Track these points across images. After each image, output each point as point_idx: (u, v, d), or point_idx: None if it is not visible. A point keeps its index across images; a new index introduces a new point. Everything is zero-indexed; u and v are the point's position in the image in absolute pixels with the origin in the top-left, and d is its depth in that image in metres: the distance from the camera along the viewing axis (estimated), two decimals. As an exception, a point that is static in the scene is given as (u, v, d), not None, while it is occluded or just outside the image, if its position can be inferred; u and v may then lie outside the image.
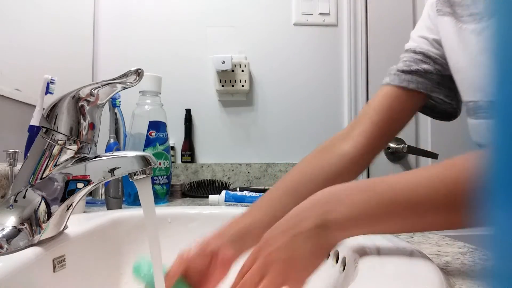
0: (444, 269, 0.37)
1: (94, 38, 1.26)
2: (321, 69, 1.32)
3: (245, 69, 1.26)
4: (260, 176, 1.27)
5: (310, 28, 1.32)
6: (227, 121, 1.30)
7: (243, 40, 1.30)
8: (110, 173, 0.43)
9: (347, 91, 1.32)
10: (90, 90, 0.43)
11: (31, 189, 0.42)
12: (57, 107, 0.42)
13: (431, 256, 0.42)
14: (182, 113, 1.27)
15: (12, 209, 0.42)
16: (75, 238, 0.49)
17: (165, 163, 0.92)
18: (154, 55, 1.27)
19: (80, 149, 0.44)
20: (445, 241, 0.51)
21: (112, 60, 1.27)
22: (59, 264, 0.45)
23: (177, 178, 1.23)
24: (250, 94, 1.30)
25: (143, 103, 0.92)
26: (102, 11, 1.27)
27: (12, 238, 0.40)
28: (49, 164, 0.43)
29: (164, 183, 0.92)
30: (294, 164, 1.32)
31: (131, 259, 0.61)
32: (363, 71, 1.32)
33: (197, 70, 1.29)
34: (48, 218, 0.43)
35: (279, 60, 1.31)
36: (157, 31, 1.28)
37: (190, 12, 1.29)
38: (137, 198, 0.45)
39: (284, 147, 1.30)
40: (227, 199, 0.84)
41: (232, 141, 1.30)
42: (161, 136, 0.92)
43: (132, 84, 0.43)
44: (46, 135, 0.43)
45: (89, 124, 0.44)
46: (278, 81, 1.31)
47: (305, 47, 1.32)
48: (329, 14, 1.32)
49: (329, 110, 1.32)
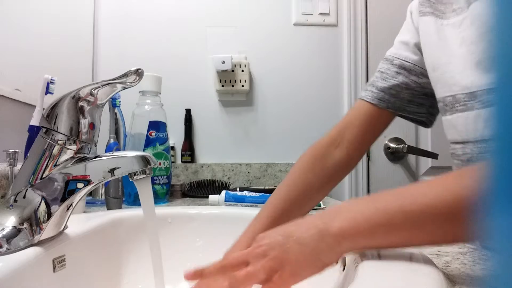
0: (444, 269, 0.37)
1: (94, 38, 1.26)
2: (321, 69, 1.32)
3: (245, 69, 1.26)
4: (260, 176, 1.27)
5: (310, 28, 1.32)
6: (227, 121, 1.30)
7: (243, 40, 1.30)
8: (110, 173, 0.44)
9: (347, 91, 1.32)
10: (90, 90, 0.43)
11: (31, 189, 0.42)
12: (57, 107, 0.42)
13: (431, 256, 0.42)
14: (182, 113, 1.27)
15: (12, 209, 0.42)
16: (75, 238, 0.49)
17: (165, 163, 0.92)
18: (154, 55, 1.27)
19: (80, 149, 0.44)
20: (445, 241, 0.51)
21: (112, 60, 1.27)
22: (59, 264, 0.45)
23: (177, 178, 1.23)
24: (250, 94, 1.30)
25: (143, 103, 0.92)
26: (102, 11, 1.27)
27: (12, 238, 0.40)
28: (49, 164, 0.43)
29: (164, 183, 0.92)
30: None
31: (131, 259, 0.61)
32: (363, 71, 1.32)
33: (197, 70, 1.29)
34: (48, 218, 0.43)
35: (279, 60, 1.31)
36: (157, 31, 1.28)
37: (190, 12, 1.29)
38: (137, 198, 0.45)
39: (284, 147, 1.30)
40: (227, 199, 0.84)
41: (232, 141, 1.30)
42: (161, 136, 0.92)
43: (132, 84, 0.43)
44: (46, 135, 0.43)
45: (89, 124, 0.44)
46: (278, 81, 1.31)
47: (305, 47, 1.32)
48: (329, 14, 1.32)
49: (329, 110, 1.32)
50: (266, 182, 1.26)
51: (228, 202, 0.84)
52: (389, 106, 0.57)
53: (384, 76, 0.58)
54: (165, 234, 0.64)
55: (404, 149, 1.27)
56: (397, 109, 0.57)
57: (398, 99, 0.57)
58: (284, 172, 1.26)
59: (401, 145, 1.29)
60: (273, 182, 1.26)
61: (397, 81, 0.56)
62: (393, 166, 1.33)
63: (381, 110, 0.57)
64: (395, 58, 0.58)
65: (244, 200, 0.83)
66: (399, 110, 0.57)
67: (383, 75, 0.58)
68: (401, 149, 1.28)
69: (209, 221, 0.70)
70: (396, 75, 0.57)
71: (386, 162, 1.32)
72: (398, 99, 0.57)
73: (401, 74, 0.57)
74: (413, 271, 0.32)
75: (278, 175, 1.26)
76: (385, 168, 1.32)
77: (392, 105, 0.57)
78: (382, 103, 0.57)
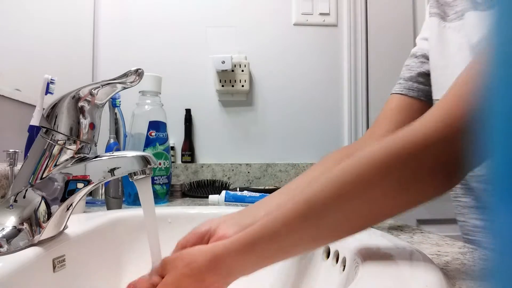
0: (444, 269, 0.37)
1: (94, 38, 1.26)
2: (321, 69, 1.32)
3: (245, 69, 1.26)
4: (260, 176, 1.27)
5: (310, 28, 1.32)
6: (227, 121, 1.30)
7: (243, 40, 1.30)
8: (110, 173, 0.43)
9: (347, 91, 1.32)
10: (90, 90, 0.43)
11: (31, 189, 0.42)
12: (57, 107, 0.42)
13: (431, 256, 0.42)
14: (182, 113, 1.27)
15: (12, 209, 0.41)
16: (75, 238, 0.49)
17: (165, 163, 0.92)
18: (154, 55, 1.27)
19: (80, 149, 0.44)
20: (445, 241, 0.51)
21: (112, 59, 1.26)
22: (59, 264, 0.45)
23: (177, 178, 1.23)
24: (250, 94, 1.30)
25: (143, 103, 0.92)
26: (102, 10, 1.27)
27: (12, 238, 0.40)
28: (49, 164, 0.43)
29: (164, 183, 0.92)
30: (294, 164, 1.32)
31: (131, 259, 0.61)
32: (363, 71, 1.31)
33: (197, 70, 1.29)
34: (48, 218, 0.43)
35: (279, 60, 1.31)
36: (157, 31, 1.28)
37: (190, 13, 1.29)
38: (137, 198, 0.45)
39: (284, 147, 1.30)
40: (227, 199, 0.84)
41: (232, 141, 1.30)
42: (161, 136, 0.92)
43: (132, 84, 0.43)
44: (46, 135, 0.43)
45: (89, 124, 0.44)
46: (278, 81, 1.31)
47: (305, 47, 1.32)
48: (329, 14, 1.32)
49: (329, 110, 1.32)
50: (266, 182, 1.26)
51: (228, 202, 0.84)
52: (420, 94, 0.56)
53: (409, 67, 0.58)
54: (165, 234, 0.64)
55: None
56: (428, 96, 0.56)
57: (427, 86, 0.56)
58: (284, 172, 1.26)
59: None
60: (273, 182, 1.26)
61: (423, 69, 0.57)
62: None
63: (412, 99, 0.56)
64: (418, 51, 0.59)
65: (244, 200, 0.83)
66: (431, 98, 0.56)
67: (408, 67, 0.59)
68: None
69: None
70: (421, 64, 0.57)
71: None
72: (428, 87, 0.56)
73: (426, 63, 0.57)
74: (413, 271, 0.32)
75: (278, 175, 1.26)
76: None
77: (422, 93, 0.56)
78: (412, 92, 0.56)
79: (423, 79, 0.56)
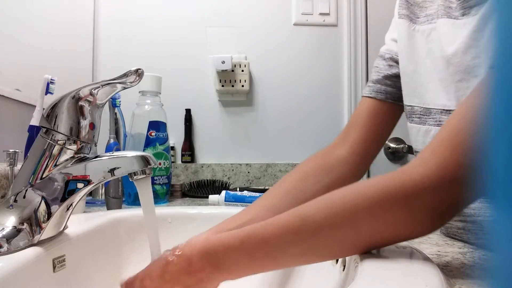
0: (444, 269, 0.37)
1: (94, 38, 1.26)
2: (321, 69, 1.32)
3: (245, 69, 1.26)
4: (260, 176, 1.27)
5: (310, 28, 1.32)
6: (227, 121, 1.30)
7: (243, 40, 1.30)
8: (110, 173, 0.44)
9: (347, 91, 1.31)
10: (90, 90, 0.43)
11: (31, 189, 0.42)
12: (57, 107, 0.42)
13: (431, 256, 0.42)
14: (182, 113, 1.27)
15: (12, 209, 0.42)
16: (75, 238, 0.49)
17: (165, 163, 0.92)
18: (154, 55, 1.27)
19: (80, 149, 0.44)
20: (445, 241, 0.51)
21: (112, 60, 1.26)
22: (59, 264, 0.45)
23: (177, 178, 1.23)
24: (250, 94, 1.30)
25: (143, 103, 0.92)
26: (102, 11, 1.27)
27: (12, 238, 0.40)
28: (49, 164, 0.43)
29: (164, 183, 0.92)
30: (294, 164, 1.32)
31: (131, 259, 0.61)
32: (363, 71, 1.31)
33: (197, 70, 1.29)
34: (48, 218, 0.43)
35: (279, 60, 1.31)
36: (157, 31, 1.28)
37: (190, 12, 1.29)
38: (137, 198, 0.45)
39: (284, 147, 1.30)
40: (227, 199, 0.84)
41: (232, 141, 1.30)
42: (161, 136, 0.92)
43: (132, 84, 0.43)
44: (46, 135, 0.43)
45: (89, 124, 0.44)
46: (278, 81, 1.31)
47: (305, 47, 1.32)
48: (329, 14, 1.32)
49: (329, 110, 1.32)
50: (266, 182, 1.26)
51: (228, 202, 0.84)
52: (388, 97, 0.56)
53: (378, 69, 0.59)
54: (165, 234, 0.64)
55: (404, 149, 1.27)
56: (397, 99, 0.56)
57: (395, 89, 0.57)
58: (284, 172, 1.26)
59: (401, 145, 1.29)
60: (273, 182, 1.26)
61: (390, 72, 0.57)
62: (393, 166, 1.33)
63: (381, 102, 0.57)
64: (386, 53, 0.59)
65: (244, 200, 0.83)
66: (400, 100, 0.56)
67: (377, 69, 0.59)
68: (401, 149, 1.28)
69: (209, 221, 0.70)
70: (389, 68, 0.57)
71: (386, 162, 1.32)
72: (396, 89, 0.56)
73: (393, 66, 0.57)
74: (413, 271, 0.32)
75: (278, 175, 1.26)
76: (385, 168, 1.32)
77: (390, 96, 0.57)
78: (380, 95, 0.57)
79: (390, 82, 0.57)
